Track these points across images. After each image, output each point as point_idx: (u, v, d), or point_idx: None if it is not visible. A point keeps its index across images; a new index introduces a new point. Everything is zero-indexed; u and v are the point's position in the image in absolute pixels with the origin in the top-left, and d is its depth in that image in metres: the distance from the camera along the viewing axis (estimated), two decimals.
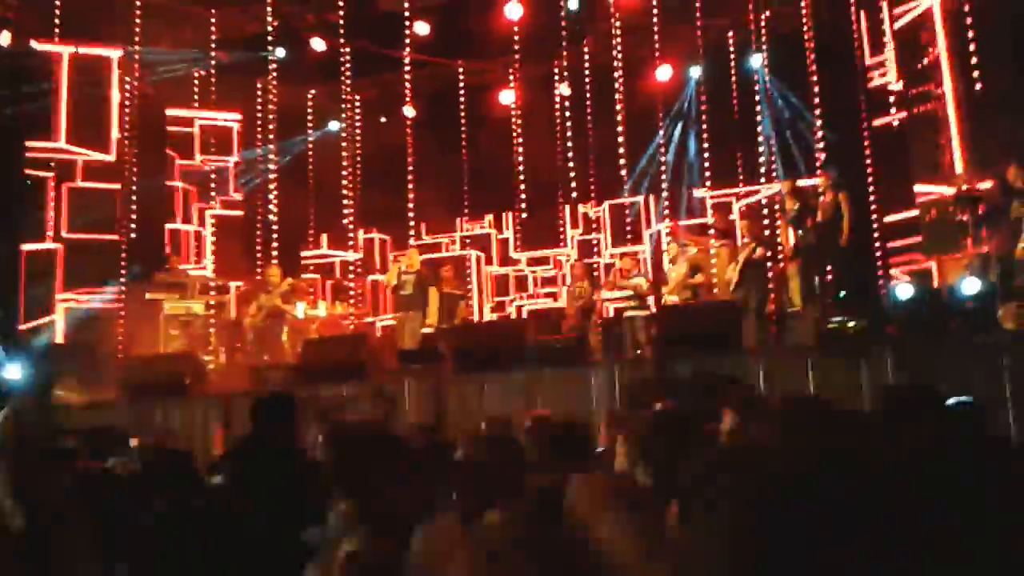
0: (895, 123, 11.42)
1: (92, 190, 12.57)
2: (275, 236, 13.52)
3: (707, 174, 12.16)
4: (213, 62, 13.58)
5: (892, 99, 11.24)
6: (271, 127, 13.92)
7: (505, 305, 13.89)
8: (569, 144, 13.66)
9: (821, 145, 11.42)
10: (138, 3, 12.56)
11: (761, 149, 11.99)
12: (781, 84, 12.22)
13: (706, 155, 12.17)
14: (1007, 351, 7.55)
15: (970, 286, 8.71)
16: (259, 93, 14.21)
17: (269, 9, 12.65)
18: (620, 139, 13.01)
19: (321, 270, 14.53)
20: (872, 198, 11.35)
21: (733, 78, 12.52)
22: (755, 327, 9.77)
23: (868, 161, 11.50)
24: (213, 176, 14.03)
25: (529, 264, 14.22)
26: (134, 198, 12.69)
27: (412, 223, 13.53)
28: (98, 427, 8.90)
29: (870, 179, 11.45)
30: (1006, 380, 7.19)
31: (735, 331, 8.75)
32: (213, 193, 13.91)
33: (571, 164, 13.62)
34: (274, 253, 13.26)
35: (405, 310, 11.28)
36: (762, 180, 12.07)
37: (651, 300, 11.32)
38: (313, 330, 12.18)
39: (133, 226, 12.61)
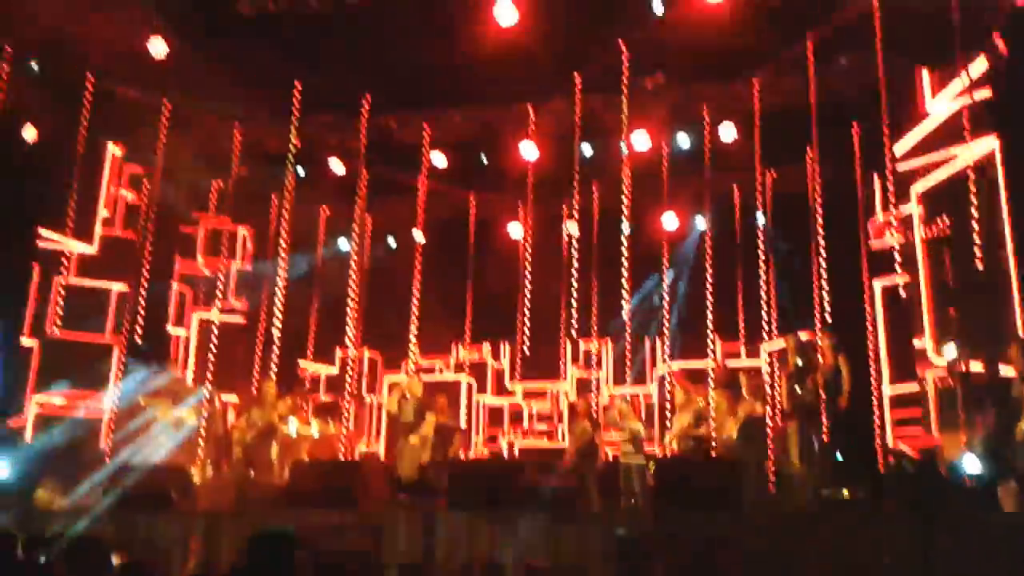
0: (899, 284, 11.66)
1: (86, 287, 12.57)
2: (277, 349, 13.51)
3: (709, 323, 12.30)
4: (233, 173, 13.93)
5: (897, 258, 11.47)
6: (281, 240, 14.11)
7: (497, 438, 13.78)
8: (573, 281, 13.87)
9: (824, 306, 11.62)
10: (165, 111, 12.92)
11: (763, 305, 12.19)
12: (785, 242, 12.53)
13: (709, 305, 12.34)
14: (1007, 531, 7.53)
15: (971, 464, 8.74)
16: (273, 207, 14.47)
17: (294, 129, 13.01)
18: (624, 280, 13.26)
19: (313, 385, 14.47)
20: (872, 363, 11.47)
21: (737, 233, 12.85)
22: (754, 486, 9.72)
23: (869, 326, 11.67)
24: (219, 281, 14.12)
25: (525, 397, 14.18)
26: (142, 299, 12.73)
27: (414, 347, 13.59)
28: (80, 538, 8.73)
29: (870, 344, 11.60)
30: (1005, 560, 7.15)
31: (735, 489, 8.70)
32: (218, 298, 13.97)
33: (574, 301, 13.80)
34: (273, 367, 13.25)
35: (404, 437, 11.18)
36: (764, 337, 12.22)
37: (646, 447, 11.31)
38: (304, 449, 12.02)
39: (137, 328, 12.59)
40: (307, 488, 9.60)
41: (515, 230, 14.59)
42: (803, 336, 10.93)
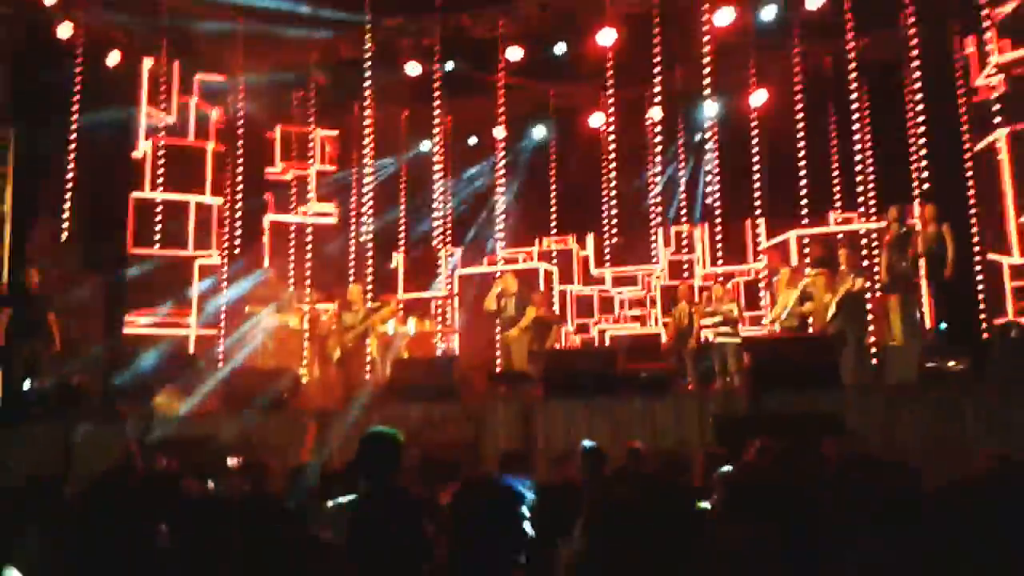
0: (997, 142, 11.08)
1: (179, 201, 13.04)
2: (370, 250, 13.84)
3: (804, 201, 11.96)
4: (312, 84, 14.04)
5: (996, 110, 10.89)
6: (366, 145, 14.27)
7: (588, 327, 13.79)
8: (660, 168, 13.64)
9: (924, 175, 11.14)
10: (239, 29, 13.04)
11: (859, 178, 11.75)
12: (881, 112, 11.96)
13: (803, 183, 11.97)
14: None
15: None
16: (355, 113, 14.57)
17: (368, 35, 12.96)
18: (716, 164, 12.98)
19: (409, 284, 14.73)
20: (974, 231, 11.01)
21: (831, 106, 12.32)
22: (854, 361, 9.57)
23: (970, 193, 11.16)
24: (307, 185, 14.43)
25: (615, 284, 14.09)
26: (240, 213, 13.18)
27: (503, 243, 13.68)
28: (197, 438, 9.29)
29: (972, 211, 11.12)
30: None
31: (832, 366, 8.59)
32: (308, 200, 14.29)
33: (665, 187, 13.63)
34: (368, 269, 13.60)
35: (509, 329, 11.25)
36: (860, 210, 11.82)
37: (741, 328, 11.23)
38: (402, 348, 12.38)
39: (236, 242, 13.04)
40: (408, 383, 9.91)
41: (596, 119, 14.31)
42: (904, 207, 10.58)
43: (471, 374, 10.90)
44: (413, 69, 13.95)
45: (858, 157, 11.73)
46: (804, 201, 11.95)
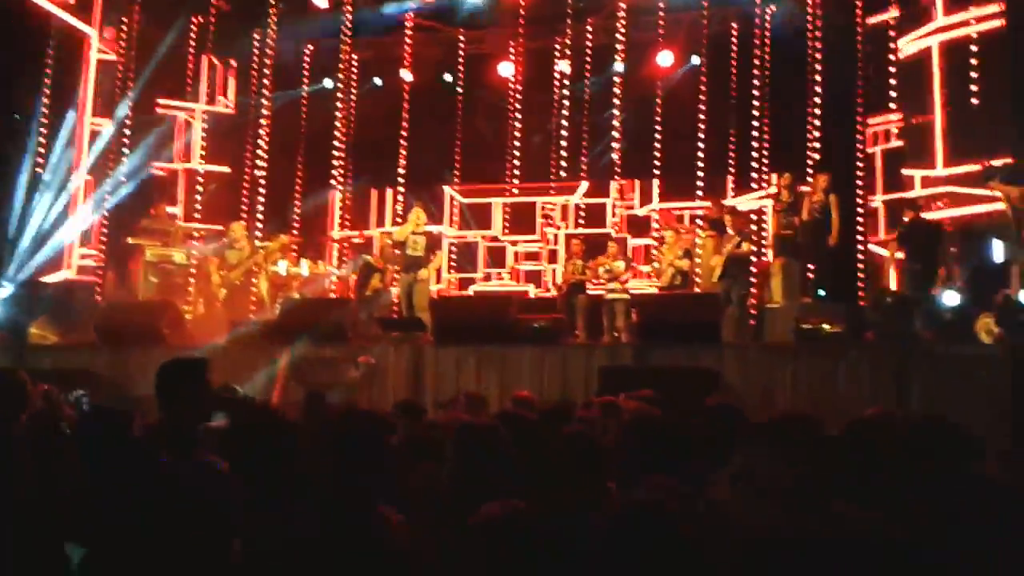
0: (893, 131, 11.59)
1: None
2: (263, 191, 13.46)
3: (700, 164, 12.15)
4: (212, 8, 13.43)
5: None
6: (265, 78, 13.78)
7: (490, 277, 13.72)
8: (564, 122, 13.62)
9: (817, 145, 11.49)
10: None
11: (756, 144, 11.99)
12: (781, 80, 12.20)
13: (700, 145, 12.15)
14: (982, 364, 7.70)
15: (949, 298, 8.85)
16: (256, 44, 14.03)
17: None
18: (616, 122, 13.04)
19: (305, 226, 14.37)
20: (860, 200, 11.43)
21: (734, 72, 12.48)
22: (735, 321, 9.87)
23: (860, 164, 11.56)
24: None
25: (512, 243, 14.00)
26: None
27: (403, 187, 13.50)
28: (72, 371, 8.92)
29: (859, 182, 11.52)
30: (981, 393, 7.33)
31: (713, 324, 8.84)
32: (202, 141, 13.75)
33: (563, 144, 13.61)
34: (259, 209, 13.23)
35: (414, 271, 10.85)
36: (753, 175, 12.10)
37: (630, 285, 11.43)
38: (294, 288, 12.14)
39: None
40: (296, 323, 9.71)
41: (506, 69, 14.16)
42: (796, 175, 10.92)
43: (363, 317, 10.75)
44: (321, 2, 13.51)
45: (756, 124, 11.95)
46: (701, 164, 12.14)
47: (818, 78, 11.83)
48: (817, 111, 11.69)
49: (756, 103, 11.99)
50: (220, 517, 2.46)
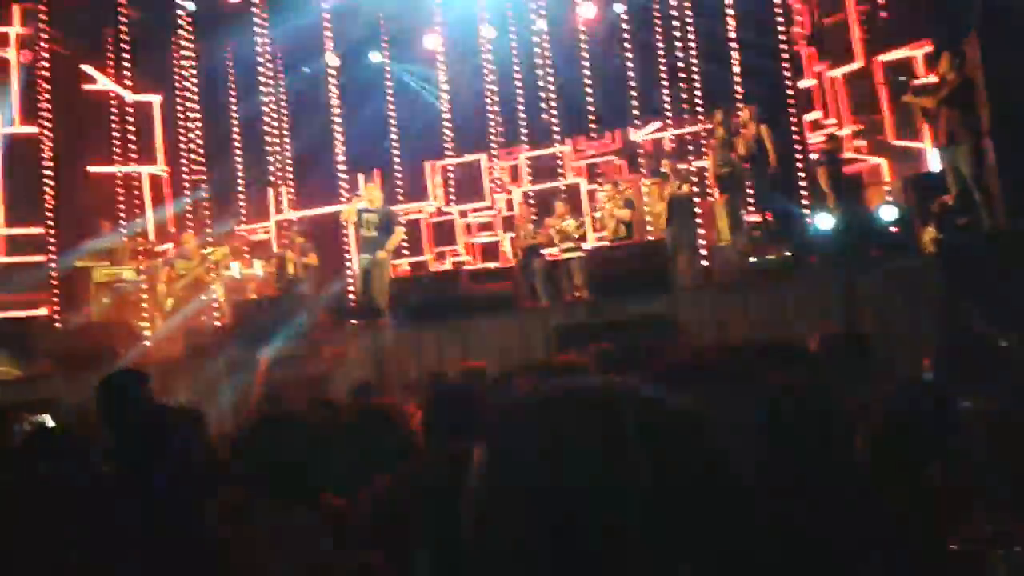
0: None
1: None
2: (205, 196, 13.32)
3: (635, 112, 12.16)
4: (124, 19, 13.11)
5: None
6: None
7: (445, 255, 13.67)
8: (494, 88, 13.53)
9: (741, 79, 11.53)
10: None
11: (684, 86, 12.01)
12: (702, 15, 12.18)
13: (632, 92, 12.15)
14: (925, 273, 7.86)
15: (888, 212, 8.98)
16: (174, 48, 13.77)
17: None
18: (547, 81, 13.00)
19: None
20: (794, 128, 11.49)
21: (655, 11, 12.44)
22: (686, 264, 9.95)
23: (789, 92, 11.61)
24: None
25: (460, 215, 13.95)
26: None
27: (343, 173, 13.37)
28: (32, 403, 8.83)
29: (791, 109, 11.58)
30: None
31: (662, 270, 8.93)
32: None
33: (498, 109, 13.53)
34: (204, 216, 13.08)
35: (371, 252, 10.27)
36: (685, 116, 12.14)
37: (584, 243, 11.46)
38: (251, 290, 12.05)
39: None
40: (252, 325, 9.68)
41: (432, 41, 14.02)
42: (727, 109, 10.96)
43: (318, 311, 10.72)
44: None
45: (681, 64, 11.97)
46: (635, 112, 12.15)
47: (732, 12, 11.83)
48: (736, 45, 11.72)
49: (679, 44, 11.97)
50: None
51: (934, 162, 9.86)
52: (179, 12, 13.09)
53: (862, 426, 2.23)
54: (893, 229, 8.96)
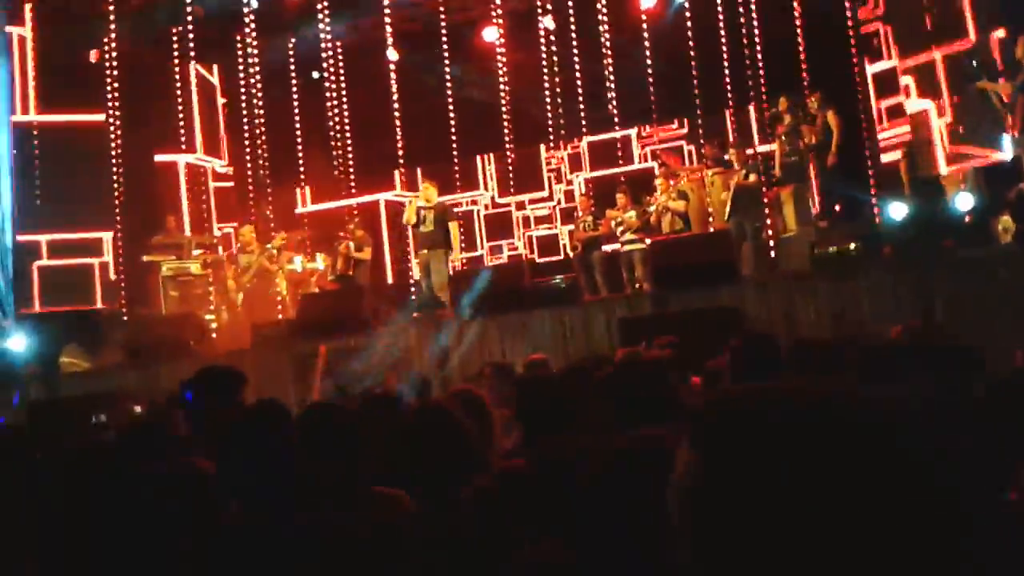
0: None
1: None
2: (269, 192, 13.50)
3: (697, 102, 11.98)
4: (189, 16, 13.33)
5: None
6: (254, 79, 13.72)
7: (502, 248, 13.68)
8: (557, 79, 13.44)
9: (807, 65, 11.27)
10: None
11: (749, 72, 11.78)
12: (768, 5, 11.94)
13: (695, 82, 11.96)
14: (1004, 264, 7.60)
15: (964, 201, 8.72)
16: (238, 46, 13.95)
17: None
18: (609, 71, 12.88)
19: (316, 222, 14.40)
20: (863, 116, 11.19)
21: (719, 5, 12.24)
22: (752, 254, 9.78)
23: (858, 79, 11.31)
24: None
25: (517, 208, 13.93)
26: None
27: (401, 168, 13.43)
28: (99, 394, 9.07)
29: (859, 95, 11.27)
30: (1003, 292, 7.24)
31: (729, 261, 8.79)
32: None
33: (559, 101, 13.44)
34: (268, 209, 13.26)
35: (429, 248, 10.63)
36: (751, 104, 11.92)
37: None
38: (313, 283, 12.19)
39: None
40: (317, 318, 9.79)
41: (490, 34, 13.99)
42: (794, 97, 10.74)
43: (381, 303, 10.79)
44: None
45: (747, 53, 11.74)
46: (697, 101, 11.97)
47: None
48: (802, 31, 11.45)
49: (744, 31, 11.75)
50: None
51: (1007, 148, 9.54)
52: (243, 8, 13.21)
53: None
54: (967, 219, 8.72)
